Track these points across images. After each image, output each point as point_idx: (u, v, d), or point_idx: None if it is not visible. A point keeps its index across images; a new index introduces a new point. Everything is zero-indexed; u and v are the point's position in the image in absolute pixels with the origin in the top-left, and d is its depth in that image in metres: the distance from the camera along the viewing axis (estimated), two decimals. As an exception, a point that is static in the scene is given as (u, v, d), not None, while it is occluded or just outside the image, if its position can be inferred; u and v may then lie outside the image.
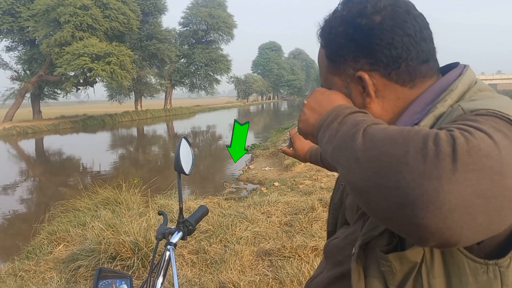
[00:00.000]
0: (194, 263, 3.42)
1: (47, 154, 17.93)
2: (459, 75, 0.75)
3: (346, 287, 0.81)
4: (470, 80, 0.74)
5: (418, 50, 0.74)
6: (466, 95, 0.72)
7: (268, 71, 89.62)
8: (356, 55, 0.76)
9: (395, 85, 0.76)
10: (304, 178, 7.09)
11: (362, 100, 0.78)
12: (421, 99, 0.76)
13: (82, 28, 28.08)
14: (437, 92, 0.75)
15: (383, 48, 0.73)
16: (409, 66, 0.74)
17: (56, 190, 9.82)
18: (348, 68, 0.78)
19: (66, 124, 29.15)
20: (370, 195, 0.57)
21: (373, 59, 0.75)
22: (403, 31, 0.73)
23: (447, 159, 0.52)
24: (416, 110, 0.76)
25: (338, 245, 0.89)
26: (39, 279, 3.29)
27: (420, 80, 0.76)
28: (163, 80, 44.26)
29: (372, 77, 0.76)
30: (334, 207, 1.01)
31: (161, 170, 12.27)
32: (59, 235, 4.24)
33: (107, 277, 1.00)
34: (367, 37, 0.74)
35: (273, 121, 31.14)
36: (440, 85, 0.75)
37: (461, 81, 0.73)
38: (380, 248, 0.69)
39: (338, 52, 0.78)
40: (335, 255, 0.89)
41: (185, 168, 1.16)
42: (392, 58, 0.74)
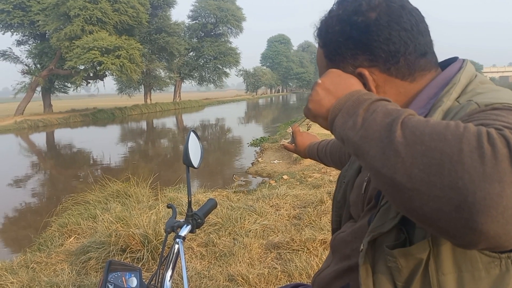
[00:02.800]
0: (203, 256, 3.43)
1: (58, 147, 18.12)
2: (460, 68, 0.75)
3: (353, 280, 0.81)
4: (471, 73, 0.75)
5: (416, 43, 0.75)
6: (468, 87, 0.72)
7: (277, 64, 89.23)
8: (355, 52, 0.76)
9: (395, 79, 0.76)
10: (313, 171, 7.07)
11: None
12: (424, 94, 0.76)
13: (91, 22, 28.19)
14: (439, 86, 0.75)
15: (381, 44, 0.74)
16: (408, 60, 0.75)
17: (67, 183, 9.93)
18: (347, 66, 0.78)
19: (77, 118, 29.40)
20: (416, 193, 0.53)
21: (372, 55, 0.75)
22: (400, 25, 0.74)
23: (506, 160, 0.49)
24: (420, 105, 0.76)
25: (345, 239, 0.89)
26: (50, 270, 3.33)
27: (419, 74, 0.76)
28: (172, 74, 44.34)
29: (372, 73, 0.76)
30: (337, 205, 1.01)
31: (171, 163, 12.34)
32: (70, 227, 4.29)
33: (117, 269, 1.01)
34: (364, 34, 0.74)
35: (282, 114, 31.08)
36: (442, 79, 0.76)
37: (462, 75, 0.73)
38: (387, 244, 0.69)
39: (337, 51, 0.79)
40: (342, 249, 0.89)
41: (193, 162, 1.15)
42: (390, 53, 0.74)
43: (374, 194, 0.81)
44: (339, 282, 0.86)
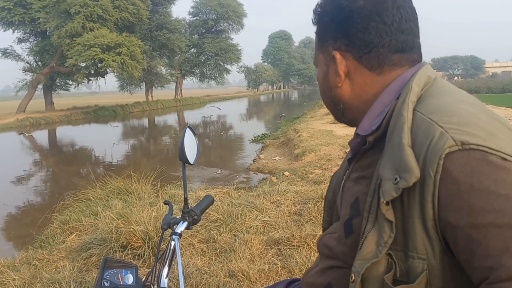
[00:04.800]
0: (204, 252, 3.44)
1: (59, 144, 18.16)
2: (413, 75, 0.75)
3: (334, 279, 0.83)
4: (425, 78, 0.75)
5: (392, 39, 0.76)
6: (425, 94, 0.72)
7: (278, 60, 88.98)
8: (335, 35, 0.80)
9: (364, 69, 0.78)
10: (314, 167, 7.07)
11: (335, 79, 0.81)
12: (378, 102, 0.77)
13: (92, 19, 28.15)
14: (393, 93, 0.76)
15: (358, 32, 0.76)
16: (379, 53, 0.76)
17: (69, 180, 9.96)
18: (329, 47, 0.82)
19: (78, 115, 29.44)
20: None
21: (349, 41, 0.78)
22: (381, 18, 0.75)
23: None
24: (375, 113, 0.77)
25: (328, 244, 0.89)
26: (52, 267, 3.34)
27: (388, 68, 0.77)
28: (174, 71, 44.32)
29: (346, 59, 0.79)
30: (328, 204, 1.03)
31: (172, 160, 12.35)
32: (72, 224, 4.30)
33: (112, 267, 1.01)
34: (346, 19, 0.77)
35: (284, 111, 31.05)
36: (396, 85, 0.77)
37: (414, 81, 0.73)
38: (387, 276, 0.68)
39: (323, 30, 0.83)
40: (325, 251, 0.90)
41: (189, 158, 1.16)
42: (364, 43, 0.76)
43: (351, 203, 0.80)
44: (323, 279, 0.87)
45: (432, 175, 0.62)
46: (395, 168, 0.66)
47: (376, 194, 0.70)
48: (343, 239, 0.81)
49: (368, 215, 0.71)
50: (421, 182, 0.63)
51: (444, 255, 0.64)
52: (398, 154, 0.66)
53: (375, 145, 0.77)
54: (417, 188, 0.64)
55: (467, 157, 0.61)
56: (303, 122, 14.94)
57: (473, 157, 0.60)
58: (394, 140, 0.68)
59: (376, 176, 0.71)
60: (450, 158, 0.61)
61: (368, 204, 0.71)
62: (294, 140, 10.51)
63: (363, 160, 0.81)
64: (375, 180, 0.71)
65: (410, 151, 0.65)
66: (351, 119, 0.86)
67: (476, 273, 0.60)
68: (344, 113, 0.85)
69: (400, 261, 0.67)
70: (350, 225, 0.78)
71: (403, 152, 0.65)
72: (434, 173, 0.62)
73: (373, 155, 0.77)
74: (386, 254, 0.68)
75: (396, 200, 0.67)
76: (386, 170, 0.67)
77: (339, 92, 0.82)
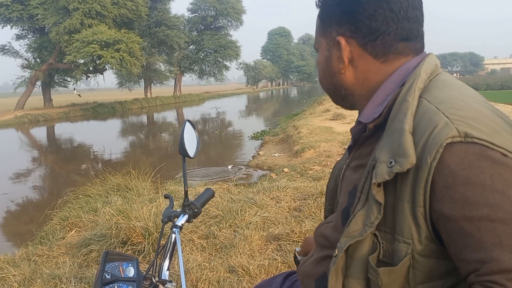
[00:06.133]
0: (204, 248, 3.45)
1: (58, 141, 18.14)
2: (419, 63, 0.75)
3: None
4: (432, 66, 0.75)
5: (398, 27, 0.75)
6: (431, 83, 0.72)
7: (278, 57, 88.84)
8: (341, 20, 0.78)
9: (369, 56, 0.77)
10: (314, 164, 7.07)
11: (338, 65, 0.80)
12: (381, 90, 0.77)
13: (91, 16, 28.05)
14: (396, 81, 0.76)
15: (364, 18, 0.75)
16: (385, 41, 0.76)
17: (68, 177, 9.95)
18: (332, 31, 0.80)
19: (77, 112, 29.39)
20: None
21: (354, 27, 0.77)
22: (388, 5, 0.74)
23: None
24: (377, 102, 0.77)
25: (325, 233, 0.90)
26: (52, 263, 3.35)
27: (393, 56, 0.77)
28: (172, 67, 44.24)
29: (350, 45, 0.78)
30: (329, 194, 1.03)
31: (171, 156, 12.34)
32: (71, 220, 4.31)
33: (113, 260, 1.01)
34: (353, 4, 0.76)
35: (283, 108, 31.03)
36: (400, 74, 0.76)
37: (422, 68, 0.73)
38: (371, 257, 0.69)
39: (327, 14, 0.81)
40: (322, 241, 0.91)
41: (189, 151, 1.16)
42: (371, 29, 0.75)
43: (349, 191, 0.81)
44: (318, 269, 0.87)
45: (428, 162, 0.62)
46: (392, 152, 0.66)
47: (369, 175, 0.71)
48: (339, 227, 0.81)
49: (360, 195, 0.72)
50: (416, 168, 0.64)
51: (430, 243, 0.65)
52: (398, 139, 0.66)
53: (375, 133, 0.77)
54: (411, 174, 0.65)
55: (466, 151, 0.61)
56: (303, 118, 14.93)
57: (472, 151, 0.61)
58: (395, 125, 0.69)
59: (372, 157, 0.72)
60: (449, 149, 0.61)
61: (361, 185, 0.72)
62: (293, 136, 10.51)
63: (362, 149, 0.81)
64: (371, 161, 0.72)
65: (410, 138, 0.65)
66: (351, 104, 0.86)
67: (465, 265, 0.61)
68: (345, 99, 0.85)
69: (386, 243, 0.68)
70: (348, 212, 0.78)
71: (402, 138, 0.65)
72: (431, 160, 0.62)
73: (373, 144, 0.77)
74: (371, 234, 0.69)
75: (390, 183, 0.67)
76: (383, 152, 0.68)
77: (341, 78, 0.81)
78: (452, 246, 0.63)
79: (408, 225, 0.65)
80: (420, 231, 0.65)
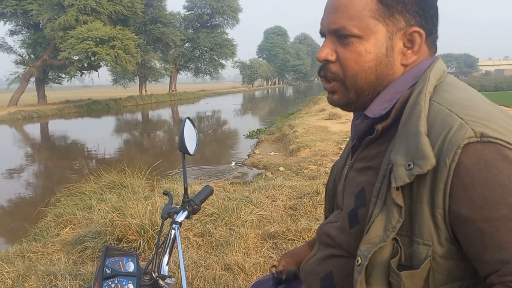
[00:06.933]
0: (199, 246, 3.45)
1: (52, 138, 18.04)
2: (429, 65, 0.76)
3: (336, 268, 0.84)
4: (441, 71, 0.76)
5: (438, 28, 0.79)
6: (440, 86, 0.73)
7: (274, 56, 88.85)
8: (416, 10, 0.74)
9: (427, 52, 0.79)
10: (309, 163, 7.09)
11: (402, 57, 0.76)
12: (391, 88, 0.77)
13: (86, 12, 27.89)
14: (408, 82, 0.76)
15: (432, 15, 0.76)
16: (435, 38, 0.79)
17: (62, 174, 9.90)
18: (400, 20, 0.74)
19: (71, 109, 29.23)
20: None
21: (425, 21, 0.75)
22: (436, 7, 0.77)
23: None
24: (386, 98, 0.77)
25: (329, 232, 0.90)
26: (46, 260, 3.33)
27: (431, 53, 0.79)
28: (168, 65, 44.11)
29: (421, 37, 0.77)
30: (329, 194, 1.04)
31: (166, 154, 12.32)
32: (66, 217, 4.29)
33: (113, 255, 1.02)
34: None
35: (279, 107, 31.05)
36: (411, 75, 0.76)
37: (432, 72, 0.74)
38: (393, 261, 0.69)
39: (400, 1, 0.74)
40: (326, 240, 0.91)
41: (189, 149, 1.16)
42: (433, 26, 0.77)
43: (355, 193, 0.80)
44: (323, 268, 0.87)
45: (447, 163, 0.63)
46: (410, 155, 0.66)
47: (386, 180, 0.70)
48: (346, 229, 0.81)
49: (376, 200, 0.71)
50: (434, 170, 0.64)
51: (450, 244, 0.65)
52: (414, 142, 0.66)
53: (382, 135, 0.77)
54: (429, 176, 0.65)
55: (483, 150, 0.61)
56: (298, 118, 14.95)
57: (488, 151, 0.61)
58: (409, 128, 0.69)
59: (387, 162, 0.71)
60: (466, 150, 0.62)
61: (377, 190, 0.72)
62: (289, 135, 10.52)
63: (368, 150, 0.81)
64: (385, 166, 0.71)
65: (426, 139, 0.65)
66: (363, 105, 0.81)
67: (485, 266, 0.62)
68: (373, 97, 0.79)
69: (405, 246, 0.68)
70: (356, 214, 0.78)
71: (419, 140, 0.66)
72: (450, 162, 0.62)
73: (380, 145, 0.77)
74: (392, 239, 0.69)
75: (406, 187, 0.67)
76: (399, 156, 0.68)
77: (399, 72, 0.77)
78: (470, 247, 0.63)
79: (428, 227, 0.66)
80: (440, 233, 0.65)
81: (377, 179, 0.72)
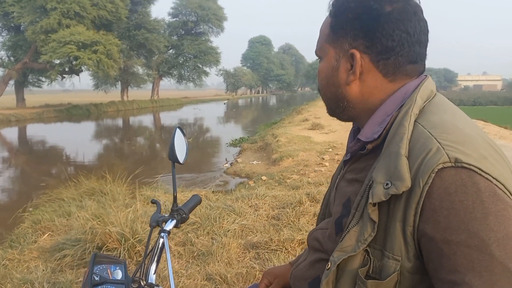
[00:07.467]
0: (181, 255, 3.42)
1: (30, 143, 17.64)
2: (417, 86, 0.79)
3: (324, 268, 0.84)
4: (428, 91, 0.79)
5: (411, 49, 0.78)
6: (426, 108, 0.76)
7: (258, 65, 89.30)
8: (357, 33, 0.79)
9: (379, 74, 0.80)
10: (292, 172, 7.12)
11: (346, 77, 0.82)
12: (381, 110, 0.80)
13: (69, 16, 27.57)
14: (396, 103, 0.79)
15: (382, 36, 0.77)
16: (397, 61, 0.78)
17: (40, 180, 9.67)
18: (345, 43, 0.81)
19: (50, 113, 28.69)
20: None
21: (370, 43, 0.78)
22: (405, 27, 0.77)
23: None
24: (377, 120, 0.80)
25: (318, 238, 0.94)
26: (23, 267, 3.25)
27: (401, 77, 0.80)
28: (151, 71, 43.82)
29: (362, 59, 0.79)
30: (324, 202, 1.07)
31: (147, 161, 12.18)
32: (44, 224, 4.20)
33: (102, 262, 1.01)
34: (372, 21, 0.77)
35: (262, 115, 31.15)
36: (399, 95, 0.79)
37: (419, 94, 0.77)
38: (361, 270, 0.72)
39: (342, 25, 0.81)
40: (315, 245, 0.94)
41: (179, 158, 1.17)
42: (386, 48, 0.77)
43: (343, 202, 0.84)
44: (312, 272, 0.91)
45: (421, 185, 0.66)
46: (388, 174, 0.69)
47: (365, 194, 0.74)
48: (333, 236, 0.84)
49: (355, 212, 0.75)
50: (409, 190, 0.67)
51: (417, 260, 0.69)
52: (394, 162, 0.69)
53: (372, 150, 0.80)
54: (404, 195, 0.68)
55: (455, 176, 0.64)
56: (281, 127, 15.03)
57: (460, 177, 0.64)
58: (392, 148, 0.72)
59: (369, 177, 0.75)
60: (440, 174, 0.65)
61: (357, 202, 0.75)
62: (272, 144, 10.56)
63: (358, 163, 0.85)
64: (367, 181, 0.75)
65: (405, 161, 0.69)
66: (350, 117, 0.88)
67: (439, 283, 0.66)
68: (345, 111, 0.86)
69: (376, 259, 0.72)
70: (341, 223, 0.82)
71: (398, 161, 0.69)
72: (423, 184, 0.66)
73: (368, 160, 0.81)
74: (363, 250, 0.72)
75: (384, 203, 0.71)
76: (380, 174, 0.71)
77: (346, 90, 0.82)
78: (430, 264, 0.67)
79: (399, 243, 0.69)
80: (409, 249, 0.68)
81: (359, 192, 0.76)
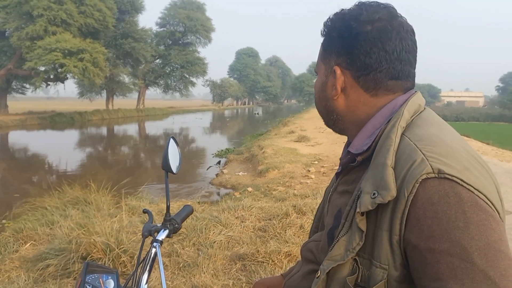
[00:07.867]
0: (166, 266, 3.38)
1: (12, 150, 17.31)
2: (405, 101, 0.82)
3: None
4: (416, 105, 0.82)
5: (390, 66, 0.82)
6: (414, 122, 0.79)
7: (245, 77, 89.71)
8: (340, 51, 0.85)
9: (360, 89, 0.84)
10: (278, 184, 7.14)
11: (332, 91, 0.87)
12: (371, 123, 0.84)
13: (55, 23, 27.40)
14: (385, 116, 0.82)
15: (360, 54, 0.82)
16: (376, 77, 0.82)
17: (21, 188, 9.49)
18: (331, 60, 0.87)
19: (34, 120, 28.23)
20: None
21: (350, 60, 0.83)
22: (383, 46, 0.81)
23: None
24: (367, 134, 0.83)
25: (311, 249, 0.96)
26: (4, 277, 3.17)
27: (383, 92, 0.83)
28: (137, 80, 43.62)
29: (345, 75, 0.85)
30: (318, 215, 1.10)
31: (131, 170, 12.07)
32: (26, 233, 4.11)
33: (94, 271, 1.00)
34: (352, 39, 0.82)
35: (248, 127, 31.20)
36: (388, 110, 0.83)
37: (406, 108, 0.80)
38: (349, 279, 0.74)
39: (329, 44, 0.88)
40: (308, 256, 0.96)
41: (172, 167, 1.17)
42: (364, 65, 0.82)
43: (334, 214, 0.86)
44: (304, 284, 0.92)
45: (406, 195, 0.69)
46: (375, 184, 0.72)
47: (354, 204, 0.76)
48: (326, 248, 0.86)
49: (345, 222, 0.78)
50: (395, 200, 0.70)
51: (403, 268, 0.71)
52: (380, 173, 0.72)
53: (362, 163, 0.83)
54: (390, 205, 0.71)
55: (438, 186, 0.67)
56: (268, 139, 15.07)
57: (443, 187, 0.67)
58: (379, 159, 0.75)
59: (358, 188, 0.78)
60: (424, 184, 0.68)
61: (346, 212, 0.78)
62: (258, 156, 10.58)
63: (349, 176, 0.88)
64: (356, 191, 0.78)
65: (391, 172, 0.72)
66: (341, 129, 0.92)
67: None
68: (336, 123, 0.91)
69: (364, 268, 0.74)
70: (332, 234, 0.84)
71: (385, 172, 0.72)
72: (408, 194, 0.68)
73: (359, 172, 0.84)
74: (352, 259, 0.75)
75: (372, 213, 0.73)
76: (367, 184, 0.74)
77: (334, 104, 0.88)
78: (415, 272, 0.69)
79: (386, 252, 0.71)
80: (396, 257, 0.71)
81: (348, 202, 0.79)
